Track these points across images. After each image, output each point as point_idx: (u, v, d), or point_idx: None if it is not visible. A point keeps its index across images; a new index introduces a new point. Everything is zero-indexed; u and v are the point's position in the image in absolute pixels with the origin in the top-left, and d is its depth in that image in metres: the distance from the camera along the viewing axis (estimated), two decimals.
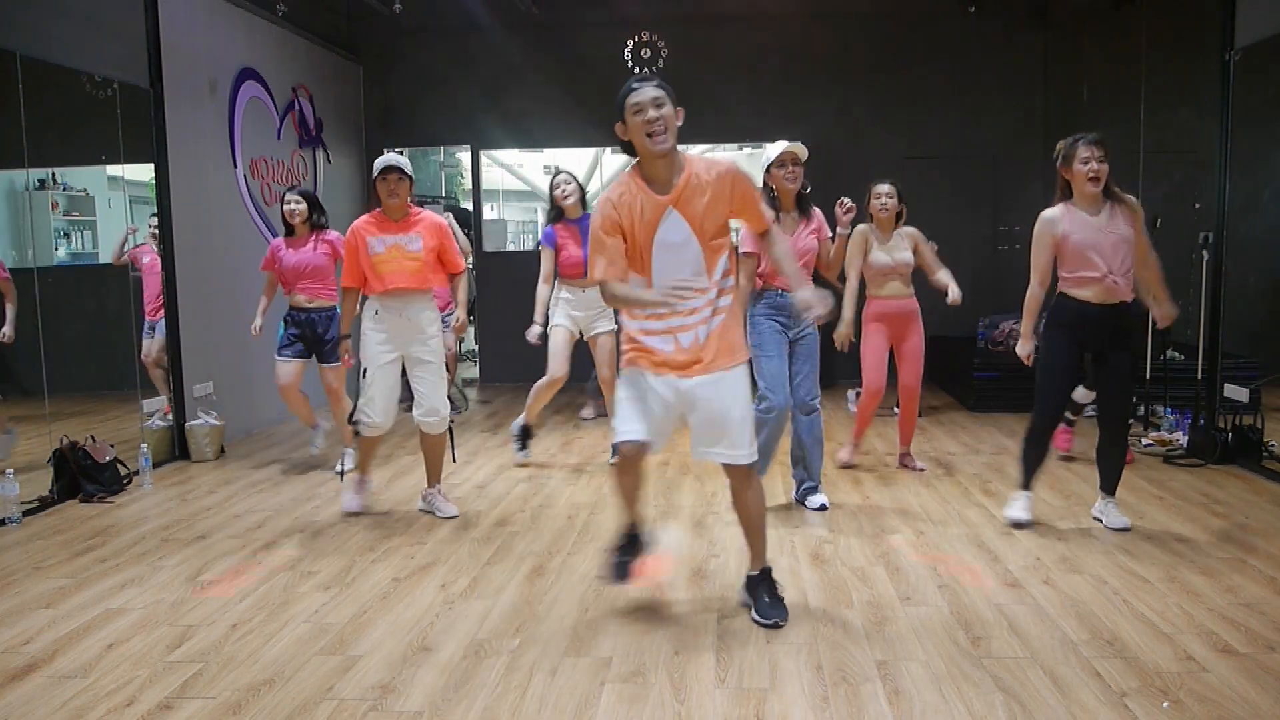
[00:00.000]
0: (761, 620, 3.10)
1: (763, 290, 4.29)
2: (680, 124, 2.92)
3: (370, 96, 8.90)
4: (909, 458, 5.28)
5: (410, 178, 4.27)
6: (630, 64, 8.46)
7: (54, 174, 5.87)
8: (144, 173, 5.76)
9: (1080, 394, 5.04)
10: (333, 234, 5.33)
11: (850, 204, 4.41)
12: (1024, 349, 4.11)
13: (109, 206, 5.98)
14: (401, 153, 9.74)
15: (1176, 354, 6.29)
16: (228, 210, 6.49)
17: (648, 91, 2.86)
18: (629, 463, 3.09)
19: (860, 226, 5.08)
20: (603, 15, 8.43)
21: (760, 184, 4.24)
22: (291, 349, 5.30)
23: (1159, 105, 6.83)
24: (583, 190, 5.35)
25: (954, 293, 4.89)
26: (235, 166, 6.63)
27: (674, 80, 7.46)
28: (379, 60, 8.84)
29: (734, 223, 3.29)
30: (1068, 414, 5.33)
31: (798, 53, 8.56)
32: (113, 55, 5.38)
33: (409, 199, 4.31)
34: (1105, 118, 7.70)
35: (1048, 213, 3.95)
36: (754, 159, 10.33)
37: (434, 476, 4.52)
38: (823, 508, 4.44)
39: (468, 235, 9.90)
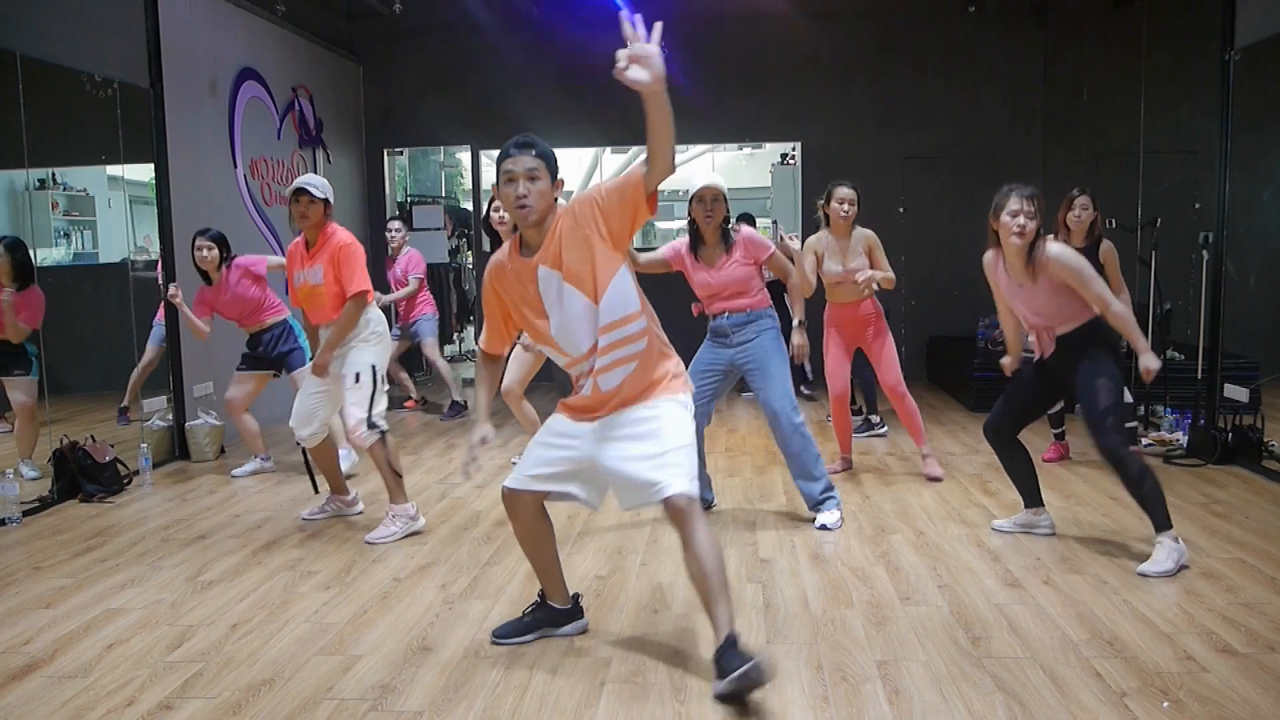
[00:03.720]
0: (737, 688, 2.48)
1: (708, 318, 4.29)
2: (559, 196, 2.71)
3: (370, 96, 8.89)
4: (928, 461, 5.08)
5: (324, 200, 4.16)
6: None
7: (54, 174, 5.87)
8: (144, 173, 5.76)
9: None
10: (240, 259, 5.32)
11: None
12: (1011, 361, 3.99)
13: (109, 206, 5.98)
14: (400, 153, 9.77)
15: (1176, 354, 6.28)
16: (228, 210, 6.48)
17: (523, 161, 2.62)
18: (510, 509, 2.88)
19: (810, 239, 4.92)
20: (603, 15, 8.41)
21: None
22: (248, 363, 5.36)
23: (1159, 105, 6.83)
24: None
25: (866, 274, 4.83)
26: (235, 166, 6.63)
27: (674, 80, 7.39)
28: (379, 60, 8.84)
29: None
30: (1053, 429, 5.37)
31: (798, 53, 8.56)
32: (113, 55, 5.38)
33: (325, 219, 4.19)
34: (1105, 118, 7.72)
35: (986, 256, 3.82)
36: (755, 159, 10.38)
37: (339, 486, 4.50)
38: (833, 525, 4.20)
39: (465, 236, 9.92)
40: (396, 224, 7.31)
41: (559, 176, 2.72)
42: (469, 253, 10.06)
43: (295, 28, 7.49)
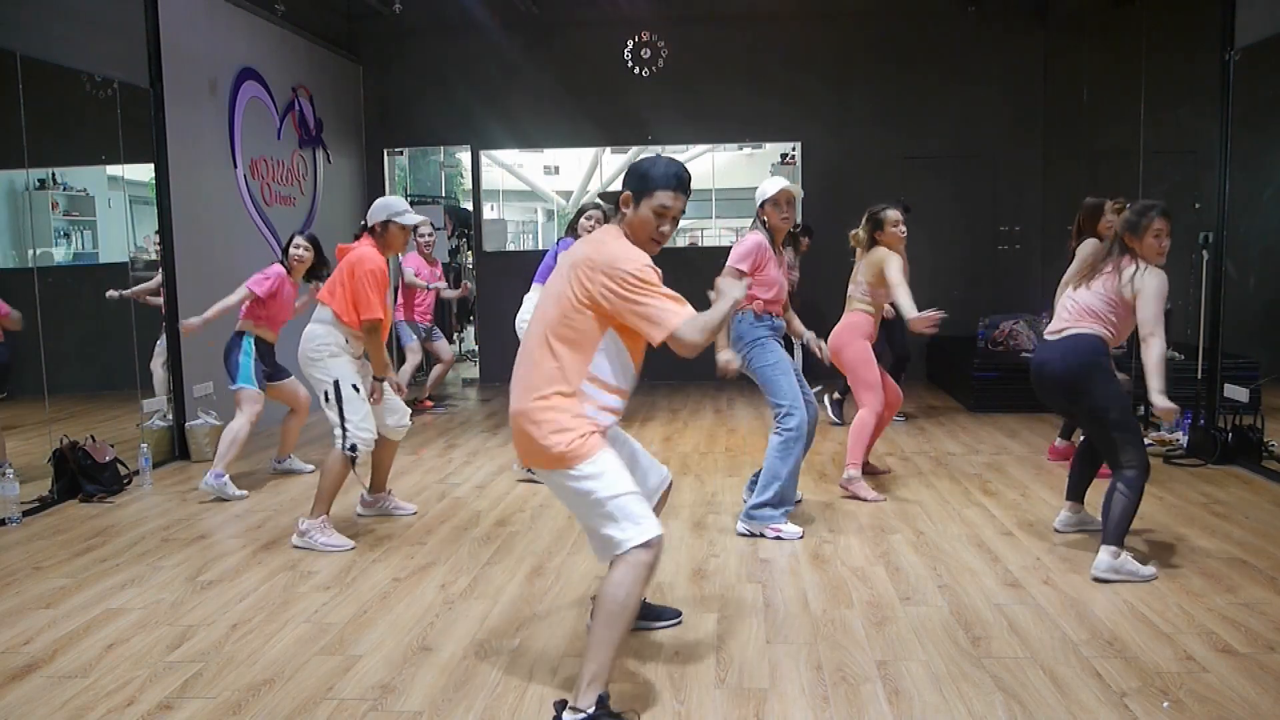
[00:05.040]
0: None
1: (763, 315, 4.23)
2: None
3: (370, 96, 8.90)
4: (870, 465, 5.11)
5: None
6: (630, 64, 8.47)
7: (54, 174, 5.86)
8: (144, 173, 5.76)
9: None
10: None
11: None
12: (1169, 405, 3.46)
13: (109, 206, 5.98)
14: (401, 153, 9.76)
15: (1177, 354, 6.28)
16: (228, 210, 6.49)
17: (682, 202, 2.55)
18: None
19: (895, 261, 4.70)
20: (603, 15, 8.43)
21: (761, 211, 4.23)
22: (262, 376, 5.16)
23: (1159, 105, 6.82)
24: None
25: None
26: (235, 166, 6.63)
27: (674, 80, 7.50)
28: (379, 60, 8.84)
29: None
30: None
31: (798, 53, 8.56)
32: (113, 55, 5.38)
33: None
34: (1105, 118, 7.71)
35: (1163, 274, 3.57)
36: (754, 159, 10.38)
37: (384, 483, 4.52)
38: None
39: (465, 235, 9.93)
40: (430, 227, 7.24)
41: None
42: (469, 253, 10.07)
43: (295, 28, 7.49)
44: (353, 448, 4.00)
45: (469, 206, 9.74)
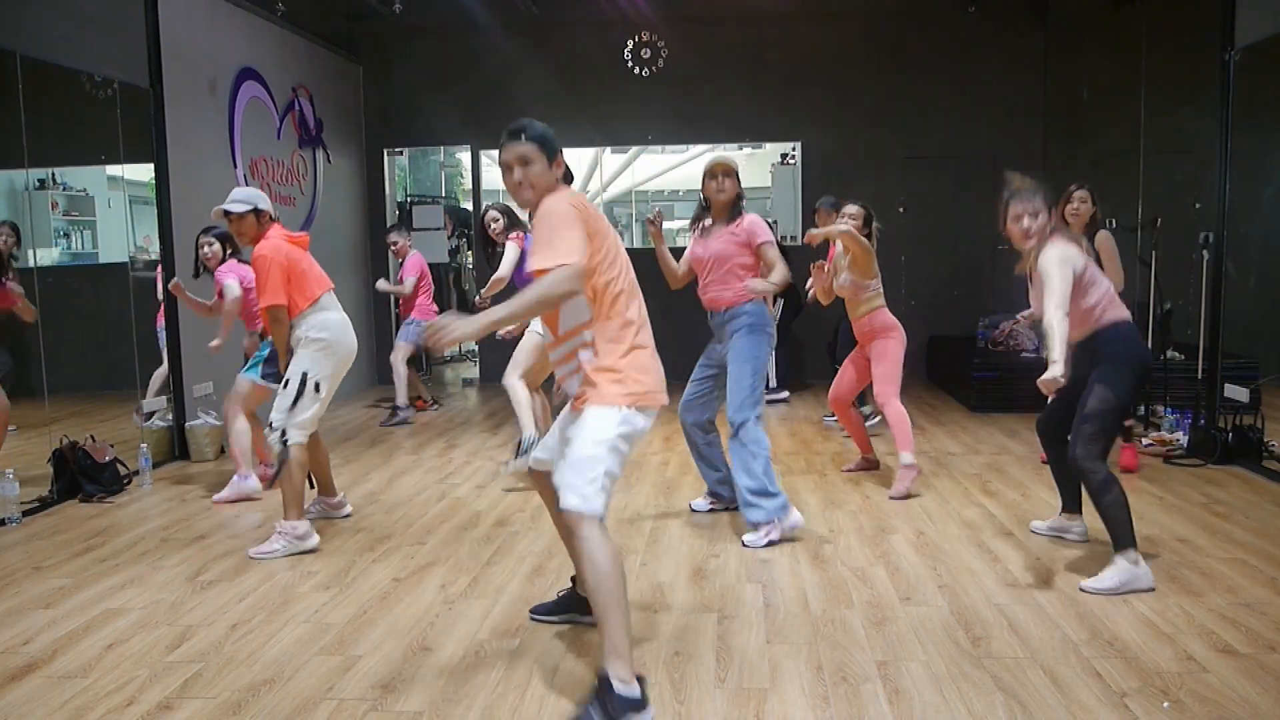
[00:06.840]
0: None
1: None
2: (560, 172, 2.61)
3: (370, 96, 8.90)
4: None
5: (250, 211, 4.07)
6: (630, 64, 8.47)
7: (54, 174, 5.87)
8: (144, 173, 5.76)
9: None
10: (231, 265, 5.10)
11: None
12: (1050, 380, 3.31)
13: (109, 206, 5.98)
14: (400, 153, 9.76)
15: (1176, 354, 6.28)
16: None
17: (514, 149, 2.56)
18: (540, 490, 2.94)
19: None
20: (603, 15, 8.43)
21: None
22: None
23: (1159, 105, 6.83)
24: (512, 222, 5.32)
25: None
26: (235, 166, 6.63)
27: (674, 80, 7.45)
28: (379, 60, 8.84)
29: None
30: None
31: (798, 53, 8.56)
32: (113, 55, 5.38)
33: (260, 229, 4.11)
34: (1105, 118, 7.71)
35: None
36: (754, 159, 10.36)
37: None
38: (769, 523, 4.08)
39: (465, 236, 9.92)
40: (392, 235, 7.32)
41: (558, 155, 2.63)
42: (469, 253, 10.07)
43: (295, 28, 7.49)
44: (286, 438, 3.95)
45: (469, 206, 9.74)
